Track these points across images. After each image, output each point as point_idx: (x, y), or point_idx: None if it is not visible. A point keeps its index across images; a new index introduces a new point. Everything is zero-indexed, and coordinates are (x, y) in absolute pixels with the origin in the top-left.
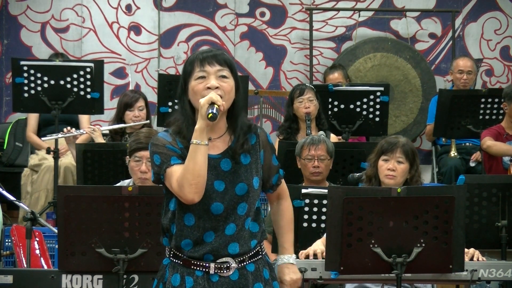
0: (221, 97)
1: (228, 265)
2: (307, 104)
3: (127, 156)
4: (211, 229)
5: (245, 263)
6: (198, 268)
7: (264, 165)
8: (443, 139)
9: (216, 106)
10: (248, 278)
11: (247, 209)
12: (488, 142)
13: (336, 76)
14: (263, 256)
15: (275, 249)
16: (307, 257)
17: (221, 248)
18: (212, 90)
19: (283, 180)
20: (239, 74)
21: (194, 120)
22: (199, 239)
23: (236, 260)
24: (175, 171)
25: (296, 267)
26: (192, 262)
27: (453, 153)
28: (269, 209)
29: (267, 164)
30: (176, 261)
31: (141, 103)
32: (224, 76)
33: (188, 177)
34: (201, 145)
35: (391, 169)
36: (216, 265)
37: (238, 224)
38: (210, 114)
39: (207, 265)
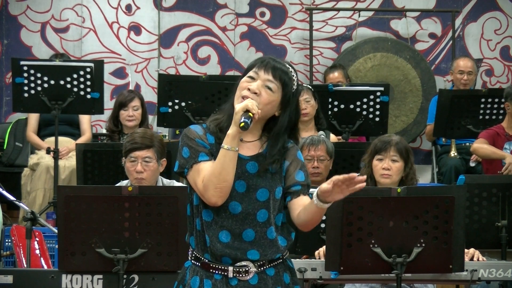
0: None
1: (247, 269)
2: (304, 106)
3: (123, 157)
4: (227, 228)
5: (264, 267)
6: (217, 272)
7: (286, 175)
8: (443, 139)
9: (250, 114)
10: (267, 282)
11: (268, 217)
12: (474, 144)
13: (336, 76)
14: (284, 260)
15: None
16: (307, 257)
17: (240, 253)
18: (250, 94)
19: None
20: (239, 74)
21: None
22: (215, 236)
23: (256, 265)
24: (202, 169)
25: None
26: (211, 265)
27: (453, 153)
28: None
29: (289, 175)
30: (196, 263)
31: (135, 102)
32: (269, 88)
33: (213, 180)
34: (231, 150)
35: (386, 168)
36: (234, 269)
37: (257, 231)
38: (242, 124)
39: (225, 268)
